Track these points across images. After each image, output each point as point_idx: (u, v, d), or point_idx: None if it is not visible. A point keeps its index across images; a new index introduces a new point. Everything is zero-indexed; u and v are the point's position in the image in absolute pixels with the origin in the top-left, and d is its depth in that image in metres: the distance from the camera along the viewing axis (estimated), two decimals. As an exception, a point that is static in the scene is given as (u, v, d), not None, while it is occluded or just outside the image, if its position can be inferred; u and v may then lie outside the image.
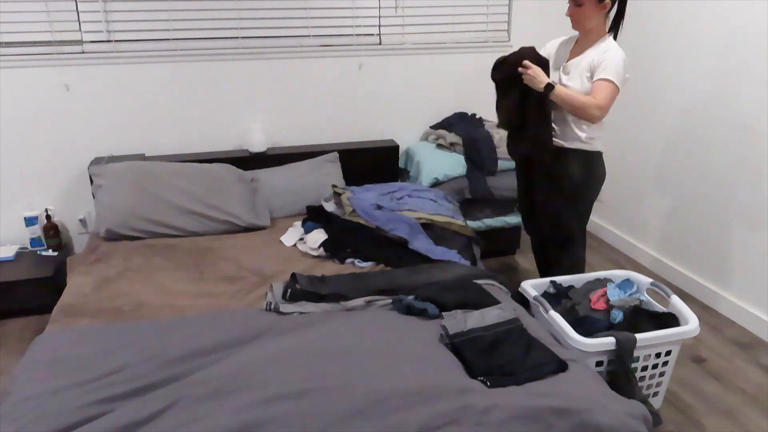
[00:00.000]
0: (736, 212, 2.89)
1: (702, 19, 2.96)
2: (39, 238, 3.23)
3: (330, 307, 2.18)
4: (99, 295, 2.30)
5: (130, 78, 3.21)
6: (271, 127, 3.49)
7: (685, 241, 3.24)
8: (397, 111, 3.69)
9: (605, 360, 2.10)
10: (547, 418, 1.59)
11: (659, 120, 3.32)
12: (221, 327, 2.01)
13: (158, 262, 2.58)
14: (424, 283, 2.30)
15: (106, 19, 3.11)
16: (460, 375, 1.75)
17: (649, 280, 2.45)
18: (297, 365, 1.75)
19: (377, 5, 3.47)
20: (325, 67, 3.48)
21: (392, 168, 3.57)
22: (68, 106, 3.16)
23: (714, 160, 2.98)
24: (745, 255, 2.86)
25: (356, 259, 2.58)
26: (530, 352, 1.86)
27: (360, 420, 1.55)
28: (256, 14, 3.30)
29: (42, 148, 3.18)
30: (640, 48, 3.38)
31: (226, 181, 3.02)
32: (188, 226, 2.87)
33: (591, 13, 2.31)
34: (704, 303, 3.11)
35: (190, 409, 1.58)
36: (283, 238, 2.82)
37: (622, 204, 3.71)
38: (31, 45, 3.04)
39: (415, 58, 3.62)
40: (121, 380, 1.73)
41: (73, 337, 2.00)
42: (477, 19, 3.66)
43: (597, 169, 2.51)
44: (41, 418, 1.59)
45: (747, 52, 2.73)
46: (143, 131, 3.31)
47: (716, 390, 2.47)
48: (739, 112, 2.81)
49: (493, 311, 2.03)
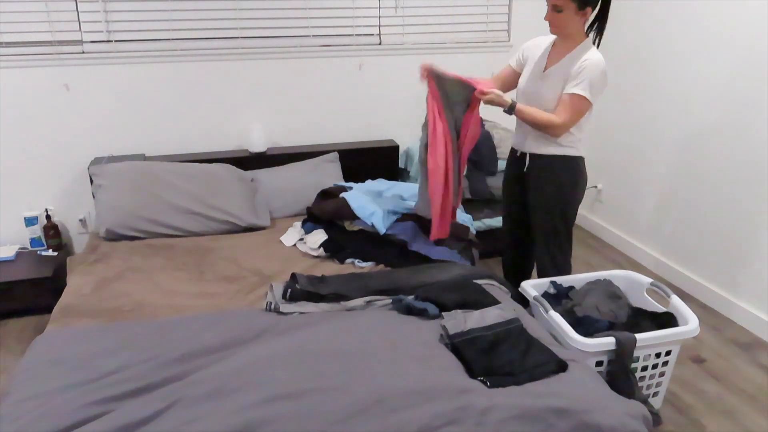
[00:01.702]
0: (736, 212, 2.89)
1: (704, 20, 2.96)
2: (39, 238, 3.23)
3: (330, 307, 2.18)
4: (99, 295, 2.30)
5: (130, 78, 3.21)
6: (271, 127, 3.49)
7: (685, 241, 3.24)
8: (397, 111, 3.69)
9: (605, 360, 2.10)
10: (547, 418, 1.59)
11: (658, 119, 3.32)
12: (221, 327, 2.01)
13: (158, 262, 2.58)
14: (424, 283, 2.29)
15: (106, 19, 3.11)
16: (460, 375, 1.75)
17: (649, 280, 2.45)
18: (297, 365, 1.75)
19: (377, 5, 3.47)
20: (325, 67, 3.48)
21: (392, 168, 3.57)
22: (68, 106, 3.16)
23: (715, 160, 2.98)
24: (745, 255, 2.86)
25: (356, 259, 2.58)
26: (530, 352, 1.86)
27: (360, 420, 1.55)
28: (256, 14, 3.30)
29: (42, 148, 3.18)
30: (643, 50, 3.38)
31: (226, 181, 3.03)
32: (188, 226, 2.87)
33: (571, 20, 2.24)
34: (704, 303, 3.11)
35: (190, 409, 1.58)
36: (283, 238, 2.82)
37: (622, 204, 3.71)
38: (31, 45, 3.04)
39: (415, 58, 3.61)
40: (121, 380, 1.73)
41: (73, 337, 2.00)
42: (477, 19, 3.66)
43: (580, 174, 2.46)
44: (41, 418, 1.59)
45: (750, 53, 2.73)
46: (143, 131, 3.32)
47: (716, 390, 2.47)
48: (741, 114, 2.81)
49: (493, 311, 2.03)
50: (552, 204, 2.47)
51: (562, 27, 2.28)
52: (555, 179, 2.44)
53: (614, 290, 2.42)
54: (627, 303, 2.39)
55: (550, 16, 2.27)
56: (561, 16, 2.24)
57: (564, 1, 2.20)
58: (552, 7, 2.24)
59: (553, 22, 2.28)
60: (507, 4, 3.69)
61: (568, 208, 2.49)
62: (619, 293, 2.42)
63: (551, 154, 2.41)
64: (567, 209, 2.49)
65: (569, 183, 2.45)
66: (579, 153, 2.43)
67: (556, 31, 2.33)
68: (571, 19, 2.24)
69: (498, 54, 3.71)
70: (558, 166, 2.42)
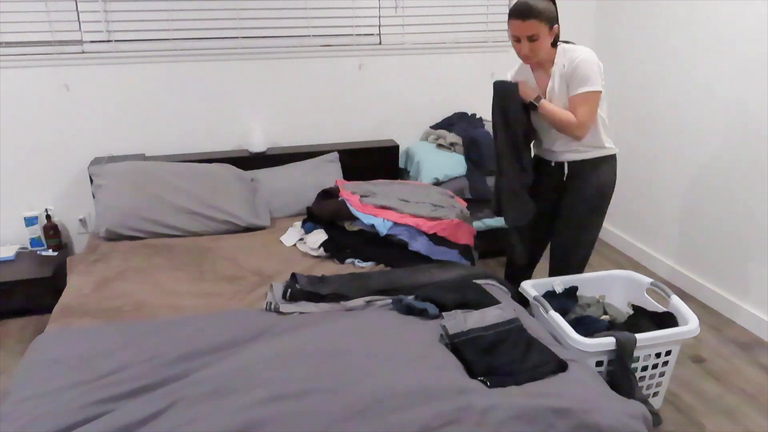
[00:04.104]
0: (736, 212, 2.89)
1: (705, 21, 2.96)
2: (39, 238, 3.23)
3: (330, 307, 2.18)
4: (99, 295, 2.30)
5: (130, 78, 3.21)
6: (271, 127, 3.49)
7: (685, 241, 3.24)
8: (397, 111, 3.69)
9: (605, 360, 2.10)
10: (547, 418, 1.59)
11: (659, 119, 3.32)
12: (221, 327, 2.01)
13: (158, 262, 2.58)
14: (424, 283, 2.30)
15: (106, 19, 3.11)
16: (460, 375, 1.75)
17: (649, 280, 2.46)
18: (297, 365, 1.75)
19: (377, 5, 3.47)
20: (325, 67, 3.48)
21: (392, 168, 3.57)
22: (68, 106, 3.16)
23: (716, 160, 2.98)
24: (746, 255, 2.86)
25: (356, 259, 2.58)
26: (530, 352, 1.86)
27: (360, 420, 1.55)
28: (256, 14, 3.30)
29: (42, 148, 3.18)
30: (646, 51, 3.38)
31: (226, 181, 3.03)
32: (188, 226, 2.87)
33: (546, 42, 2.23)
34: (704, 303, 3.11)
35: (190, 409, 1.58)
36: (283, 238, 2.82)
37: (623, 205, 3.71)
38: (31, 45, 3.04)
39: (415, 58, 3.62)
40: (121, 380, 1.73)
41: (73, 337, 2.00)
42: (477, 19, 3.66)
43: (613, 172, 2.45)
44: (41, 418, 1.59)
45: (753, 52, 2.73)
46: (143, 131, 3.32)
47: (716, 390, 2.47)
48: (744, 115, 2.81)
49: (493, 311, 2.03)
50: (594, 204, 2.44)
51: (540, 52, 2.24)
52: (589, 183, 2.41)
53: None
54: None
55: (527, 49, 2.22)
56: (537, 44, 2.21)
57: (538, 28, 2.17)
58: (527, 39, 2.19)
59: (531, 53, 2.23)
60: (507, 4, 3.69)
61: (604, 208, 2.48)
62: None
63: (583, 159, 2.39)
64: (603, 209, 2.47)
65: (609, 182, 2.43)
66: (609, 152, 2.41)
67: (534, 60, 2.28)
68: (546, 41, 2.22)
69: (498, 54, 3.72)
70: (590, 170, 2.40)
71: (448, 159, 3.38)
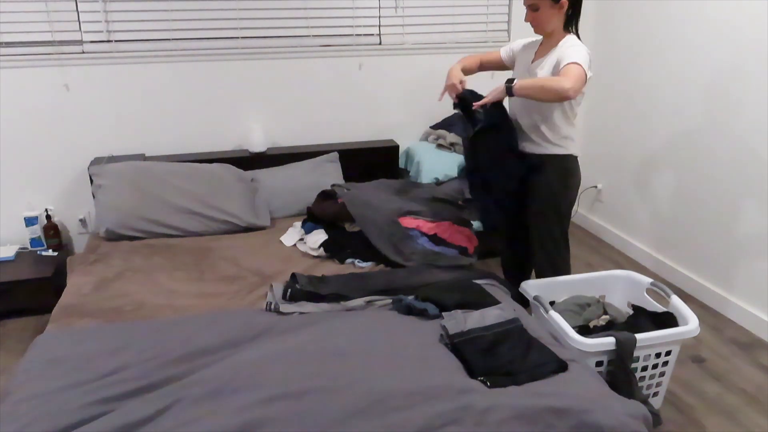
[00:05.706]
0: (736, 212, 2.89)
1: (701, 19, 2.96)
2: (39, 238, 3.23)
3: (330, 307, 2.18)
4: (99, 295, 2.30)
5: (130, 78, 3.21)
6: (271, 127, 3.49)
7: (685, 242, 3.24)
8: (397, 111, 3.69)
9: (605, 360, 2.10)
10: (547, 418, 1.59)
11: (658, 119, 3.32)
12: (221, 327, 2.01)
13: (158, 262, 2.58)
14: (424, 283, 2.30)
15: (106, 19, 3.11)
16: (460, 375, 1.75)
17: (649, 280, 2.46)
18: (297, 365, 1.75)
19: (377, 5, 3.47)
20: (325, 67, 3.48)
21: (392, 168, 3.57)
22: (68, 106, 3.16)
23: (714, 160, 2.98)
24: (746, 255, 2.86)
25: (356, 259, 2.58)
26: (530, 352, 1.86)
27: (360, 420, 1.55)
28: (256, 14, 3.30)
29: (42, 148, 3.18)
30: (641, 49, 3.38)
31: (226, 181, 3.03)
32: (188, 226, 2.87)
33: (549, 16, 2.31)
34: (704, 303, 3.11)
35: (190, 409, 1.58)
36: (283, 238, 2.82)
37: (622, 204, 3.71)
38: (31, 45, 3.04)
39: (415, 58, 3.62)
40: (121, 380, 1.73)
41: (73, 337, 2.00)
42: (477, 19, 3.66)
43: (574, 173, 2.47)
44: (41, 418, 1.59)
45: (746, 52, 2.73)
46: (143, 131, 3.32)
47: (716, 390, 2.47)
48: (741, 113, 2.81)
49: (493, 311, 2.03)
50: (544, 204, 2.47)
51: (543, 24, 2.35)
52: (545, 179, 2.44)
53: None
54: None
55: (529, 18, 2.36)
56: (539, 15, 2.32)
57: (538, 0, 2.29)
58: (529, 8, 2.33)
59: (533, 22, 2.37)
60: (507, 4, 3.69)
61: (561, 209, 2.49)
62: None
63: (541, 153, 2.43)
64: (560, 209, 2.49)
65: (560, 183, 2.45)
66: (570, 152, 2.43)
67: (539, 31, 2.40)
68: (548, 14, 2.31)
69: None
70: (548, 166, 2.43)
71: (448, 159, 3.38)
